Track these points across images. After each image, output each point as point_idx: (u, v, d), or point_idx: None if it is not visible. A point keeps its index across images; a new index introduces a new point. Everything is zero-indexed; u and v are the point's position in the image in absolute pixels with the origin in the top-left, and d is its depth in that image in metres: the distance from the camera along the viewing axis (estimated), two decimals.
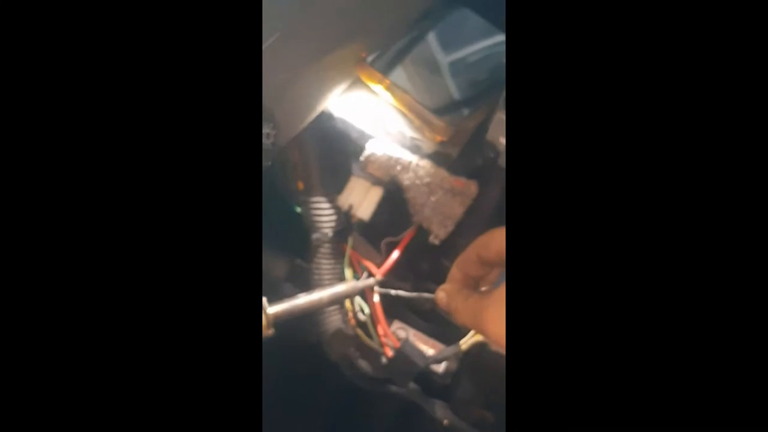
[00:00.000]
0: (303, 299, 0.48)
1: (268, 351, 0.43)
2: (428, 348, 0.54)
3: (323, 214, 0.54)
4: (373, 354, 0.54)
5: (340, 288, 0.50)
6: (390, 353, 0.53)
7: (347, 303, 0.54)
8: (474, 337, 0.52)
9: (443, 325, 0.54)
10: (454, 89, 0.52)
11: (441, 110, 0.51)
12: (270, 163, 0.46)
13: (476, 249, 0.39)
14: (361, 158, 0.52)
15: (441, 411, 0.54)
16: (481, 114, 0.51)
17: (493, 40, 0.53)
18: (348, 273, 0.54)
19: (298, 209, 0.55)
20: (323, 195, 0.54)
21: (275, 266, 0.59)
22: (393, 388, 0.55)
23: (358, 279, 0.54)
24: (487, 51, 0.53)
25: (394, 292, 0.52)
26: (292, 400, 0.62)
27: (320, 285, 0.53)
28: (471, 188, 0.51)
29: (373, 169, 0.52)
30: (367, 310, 0.54)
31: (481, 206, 0.52)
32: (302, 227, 0.55)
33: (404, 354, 0.52)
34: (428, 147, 0.52)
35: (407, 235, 0.53)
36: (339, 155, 0.53)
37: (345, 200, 0.53)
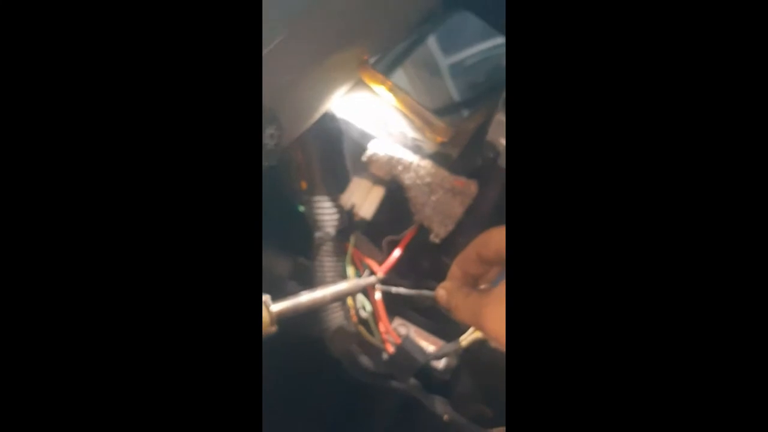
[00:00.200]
0: (306, 297, 0.47)
1: (272, 347, 0.43)
2: (429, 344, 0.54)
3: (326, 213, 0.54)
4: (375, 350, 0.54)
5: (343, 285, 0.50)
6: (391, 349, 0.53)
7: (349, 300, 0.54)
8: (473, 334, 0.51)
9: (443, 322, 0.53)
10: (454, 91, 0.52)
11: (441, 111, 0.50)
12: (274, 164, 0.46)
13: (476, 248, 0.40)
14: (363, 158, 0.52)
15: (441, 406, 0.54)
16: (481, 115, 0.51)
17: (492, 43, 0.53)
18: (350, 271, 0.54)
19: (302, 208, 0.55)
20: (326, 194, 0.54)
21: (279, 264, 0.58)
22: (394, 384, 0.54)
23: (360, 277, 0.53)
24: (487, 53, 0.53)
25: (395, 290, 0.52)
26: (295, 396, 0.62)
27: (323, 283, 0.53)
28: (471, 188, 0.51)
29: (375, 169, 0.52)
30: (369, 307, 0.54)
31: (481, 206, 0.52)
32: (305, 226, 0.55)
33: (405, 350, 0.52)
34: (429, 147, 0.52)
35: (408, 234, 0.53)
36: (341, 155, 0.54)
37: (347, 199, 0.53)
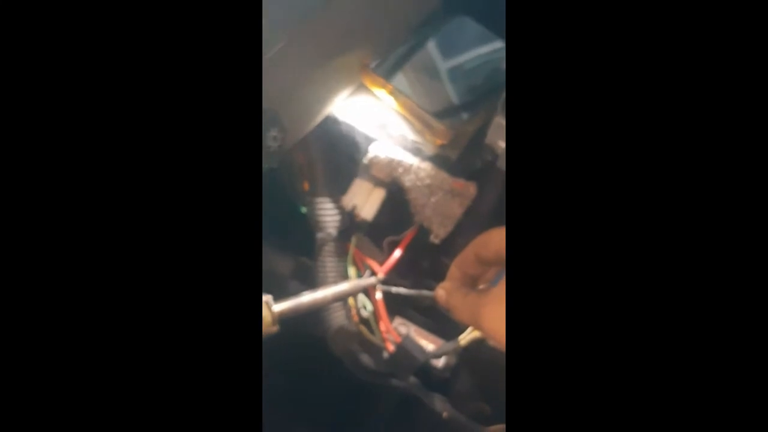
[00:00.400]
0: (308, 296, 0.47)
1: (274, 347, 0.43)
2: (428, 343, 0.54)
3: (328, 214, 0.54)
4: (376, 349, 0.54)
5: (344, 285, 0.50)
6: (391, 348, 0.53)
7: (350, 300, 0.54)
8: (472, 333, 0.52)
9: (443, 322, 0.54)
10: (454, 94, 0.52)
11: (441, 114, 0.51)
12: (276, 165, 0.46)
13: (475, 248, 0.40)
14: (365, 160, 0.52)
15: (440, 404, 0.54)
16: (480, 118, 0.51)
17: (491, 47, 0.53)
18: (351, 271, 0.54)
19: (304, 209, 0.55)
20: (328, 196, 0.54)
21: (281, 264, 0.58)
22: (394, 382, 0.55)
23: (361, 277, 0.54)
24: (485, 57, 0.53)
25: (396, 290, 0.53)
26: (297, 395, 0.62)
27: (325, 283, 0.54)
28: (470, 190, 0.51)
29: (376, 171, 0.52)
30: (370, 307, 0.54)
31: (480, 207, 0.52)
32: (307, 227, 0.55)
33: (405, 349, 0.52)
34: (429, 150, 0.52)
35: (408, 235, 0.53)
36: (343, 158, 0.54)
37: (349, 201, 0.53)
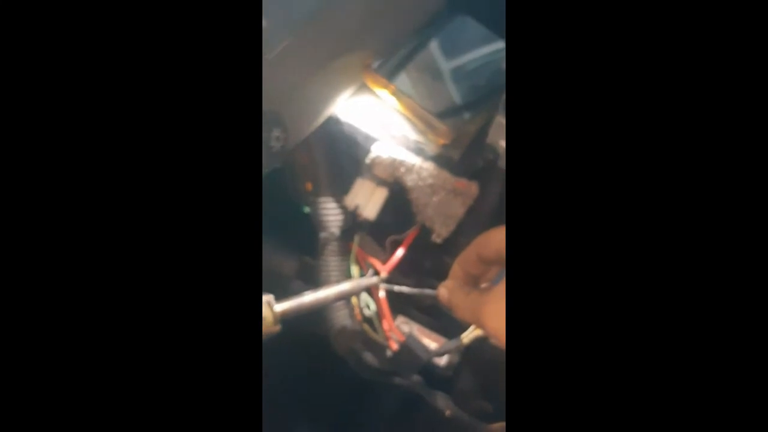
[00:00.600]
0: (311, 296, 0.48)
1: (277, 346, 0.44)
2: (431, 342, 0.54)
3: (331, 214, 0.54)
4: (379, 347, 0.54)
5: (347, 285, 0.50)
6: (395, 347, 0.53)
7: (354, 299, 0.54)
8: (474, 332, 0.52)
9: (445, 320, 0.54)
10: (456, 94, 0.52)
11: (443, 114, 0.51)
12: (279, 165, 0.46)
13: (476, 248, 0.40)
14: (367, 160, 0.52)
15: (443, 402, 0.55)
16: (482, 118, 0.51)
17: (493, 48, 0.53)
18: (354, 270, 0.55)
19: (307, 209, 0.56)
20: (331, 195, 0.54)
21: (284, 264, 0.59)
22: (397, 380, 0.55)
23: (364, 276, 0.54)
24: (487, 58, 0.53)
25: (398, 289, 0.53)
26: (301, 393, 0.62)
27: (328, 282, 0.54)
28: (472, 189, 0.52)
29: (379, 171, 0.52)
30: (373, 306, 0.54)
31: (482, 206, 0.52)
32: (310, 226, 0.55)
33: (408, 347, 0.52)
34: (431, 150, 0.52)
35: (411, 234, 0.53)
36: (346, 157, 0.54)
37: (351, 200, 0.53)
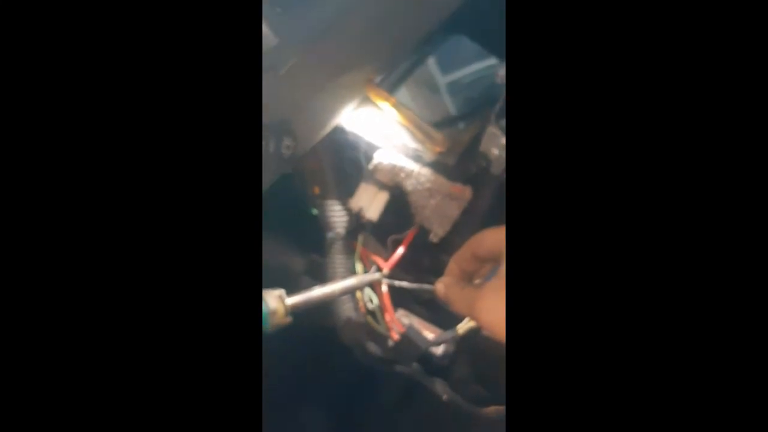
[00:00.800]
0: (319, 290, 0.49)
1: (288, 336, 0.46)
2: (429, 333, 0.55)
3: (337, 216, 0.56)
4: (381, 338, 0.56)
5: (352, 280, 0.52)
6: (396, 337, 0.54)
7: (358, 293, 0.56)
8: (469, 324, 0.53)
9: (442, 313, 0.55)
10: (451, 106, 0.53)
11: (440, 125, 0.52)
12: (290, 171, 0.48)
13: (470, 246, 0.42)
14: (370, 166, 0.54)
15: (440, 387, 0.56)
16: (475, 128, 0.53)
17: (486, 63, 0.54)
18: (358, 267, 0.56)
19: (315, 211, 0.57)
20: (337, 199, 0.56)
21: (294, 261, 0.61)
22: (398, 368, 0.56)
23: (368, 272, 0.55)
24: (481, 73, 0.54)
25: (399, 284, 0.54)
26: (309, 380, 0.63)
27: (334, 278, 0.55)
28: (466, 193, 0.53)
29: (381, 176, 0.54)
30: (376, 300, 0.55)
31: (475, 209, 0.54)
32: (318, 227, 0.57)
33: (408, 338, 0.53)
34: (428, 157, 0.53)
35: (410, 234, 0.55)
36: (350, 164, 0.56)
37: (356, 203, 0.55)
